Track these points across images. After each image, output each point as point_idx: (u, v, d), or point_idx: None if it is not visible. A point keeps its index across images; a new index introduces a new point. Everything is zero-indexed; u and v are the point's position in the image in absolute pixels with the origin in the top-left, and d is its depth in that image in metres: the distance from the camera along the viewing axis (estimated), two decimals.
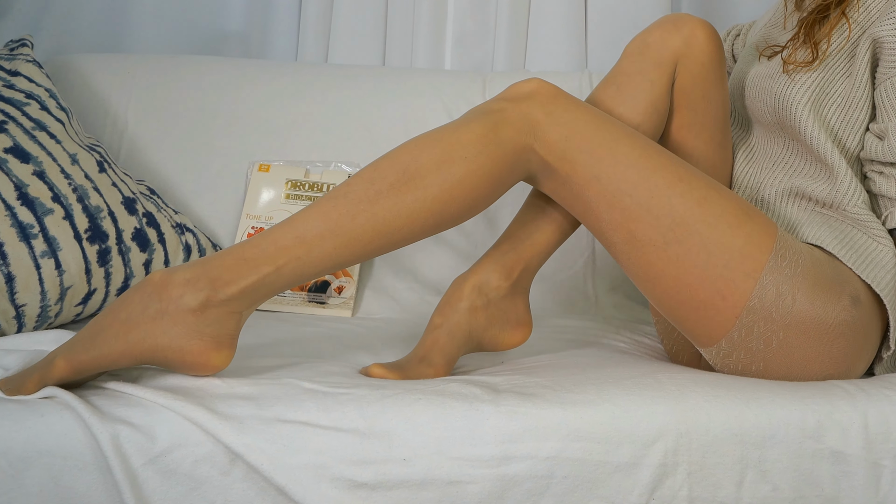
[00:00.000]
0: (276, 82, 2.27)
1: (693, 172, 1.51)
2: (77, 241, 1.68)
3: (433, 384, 1.36)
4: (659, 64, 1.60)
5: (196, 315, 1.31)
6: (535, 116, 1.48)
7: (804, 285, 1.46)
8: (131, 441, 1.19)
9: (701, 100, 1.64)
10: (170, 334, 1.29)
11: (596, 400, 1.33)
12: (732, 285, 1.46)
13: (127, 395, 1.26)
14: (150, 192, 1.98)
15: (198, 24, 2.56)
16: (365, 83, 2.30)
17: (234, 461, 1.21)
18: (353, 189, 1.42)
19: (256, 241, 1.38)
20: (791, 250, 1.49)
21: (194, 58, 2.35)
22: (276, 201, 2.11)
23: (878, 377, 1.55)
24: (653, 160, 1.49)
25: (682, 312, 1.51)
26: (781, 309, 1.45)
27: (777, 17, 1.90)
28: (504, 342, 1.58)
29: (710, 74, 1.63)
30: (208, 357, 1.31)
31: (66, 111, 1.89)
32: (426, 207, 1.42)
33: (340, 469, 1.21)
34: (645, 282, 1.52)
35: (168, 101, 2.21)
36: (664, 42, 1.60)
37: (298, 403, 1.26)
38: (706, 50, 1.61)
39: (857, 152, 1.65)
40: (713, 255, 1.46)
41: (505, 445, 1.26)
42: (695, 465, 1.31)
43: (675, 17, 1.63)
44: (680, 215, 1.46)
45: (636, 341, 1.89)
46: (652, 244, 1.47)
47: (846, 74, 1.65)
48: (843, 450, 1.34)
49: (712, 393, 1.37)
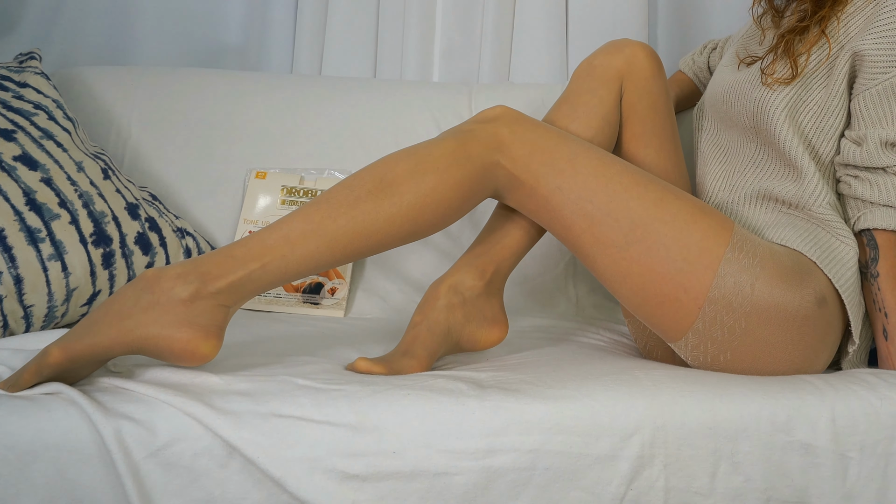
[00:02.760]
0: (272, 94, 2.27)
1: (648, 177, 1.55)
2: (82, 244, 1.68)
3: (421, 379, 1.37)
4: (605, 82, 1.68)
5: (186, 305, 1.32)
6: (501, 135, 1.53)
7: (762, 274, 1.49)
8: (133, 435, 1.19)
9: (648, 111, 1.70)
10: (160, 322, 1.30)
11: (576, 395, 1.33)
12: (693, 278, 1.49)
13: (129, 392, 1.26)
14: (152, 198, 1.98)
15: (198, 37, 2.56)
16: (357, 95, 2.29)
17: (232, 454, 1.21)
18: (334, 195, 1.46)
19: (244, 241, 1.40)
20: (748, 242, 1.52)
21: (194, 70, 2.34)
22: (273, 207, 2.11)
23: (845, 372, 1.57)
24: (609, 169, 1.53)
25: (648, 309, 1.53)
26: (741, 297, 1.48)
27: (753, 31, 1.92)
28: (482, 340, 1.60)
29: (652, 88, 1.70)
30: (196, 345, 1.31)
31: (72, 121, 1.89)
32: (402, 213, 1.46)
33: (333, 461, 1.21)
34: (612, 282, 1.55)
35: (169, 111, 2.20)
36: (608, 63, 1.69)
37: (293, 399, 1.26)
38: (647, 66, 1.70)
39: (828, 157, 1.67)
40: (672, 251, 1.49)
41: (490, 439, 1.26)
42: (670, 458, 1.31)
43: (616, 42, 1.72)
44: (638, 216, 1.50)
45: (615, 340, 1.90)
46: (615, 245, 1.51)
47: (823, 85, 1.67)
48: (811, 442, 1.35)
49: (687, 388, 1.38)
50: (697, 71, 2.27)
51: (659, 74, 1.72)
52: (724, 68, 1.89)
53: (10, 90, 1.83)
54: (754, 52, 1.83)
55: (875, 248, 1.61)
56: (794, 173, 1.66)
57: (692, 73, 2.27)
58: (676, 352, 1.58)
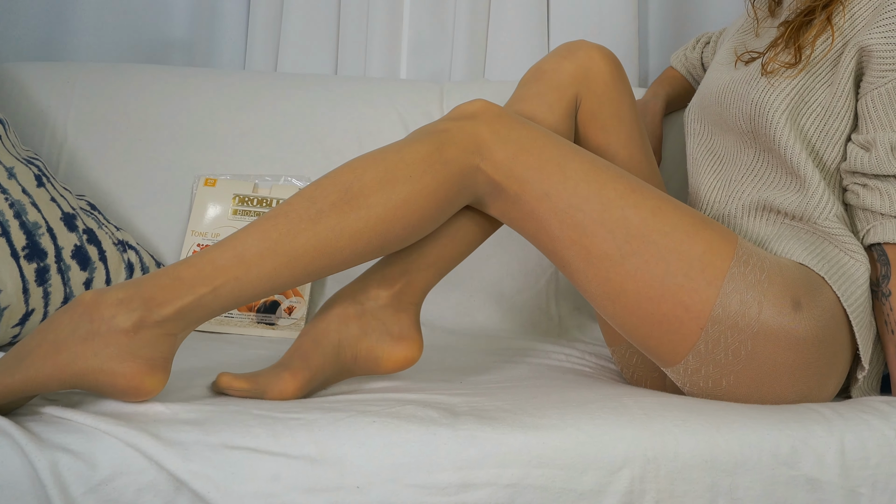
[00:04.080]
0: (222, 92, 2.28)
1: (644, 184, 1.52)
2: (14, 259, 1.68)
3: (388, 405, 1.35)
4: (555, 87, 1.64)
5: (129, 336, 1.29)
6: (481, 135, 1.49)
7: (771, 291, 1.47)
8: (71, 469, 1.17)
9: (611, 119, 1.68)
10: (101, 356, 1.28)
11: (559, 424, 1.32)
12: (695, 295, 1.46)
13: (66, 421, 1.25)
14: (91, 207, 1.98)
15: (141, 31, 2.57)
16: (316, 92, 2.30)
17: (180, 489, 1.19)
18: (294, 208, 1.42)
19: (193, 261, 1.37)
20: (754, 256, 1.50)
21: (137, 66, 2.35)
22: (223, 217, 2.11)
23: (855, 400, 1.55)
24: (603, 174, 1.50)
25: (644, 330, 1.51)
26: (748, 317, 1.45)
27: (748, 24, 1.92)
28: (384, 358, 1.52)
29: (614, 94, 1.67)
30: (141, 380, 1.28)
31: (2, 122, 1.88)
32: (370, 227, 1.42)
33: (291, 497, 1.20)
34: (604, 300, 1.52)
35: (110, 111, 2.21)
36: (559, 66, 1.66)
37: (246, 429, 1.25)
38: (605, 70, 1.67)
39: (834, 164, 1.66)
40: (672, 265, 1.46)
41: (463, 472, 1.24)
42: (663, 493, 1.30)
43: (569, 44, 1.69)
44: (635, 227, 1.47)
45: (600, 364, 1.89)
46: (608, 258, 1.48)
47: (827, 83, 1.66)
48: (818, 477, 1.34)
49: (681, 417, 1.37)
50: (690, 68, 2.27)
51: (619, 78, 1.69)
52: (718, 66, 1.87)
53: None
54: (752, 47, 1.82)
55: (887, 264, 1.59)
56: (796, 183, 1.65)
57: (685, 69, 2.28)
58: (672, 378, 1.56)
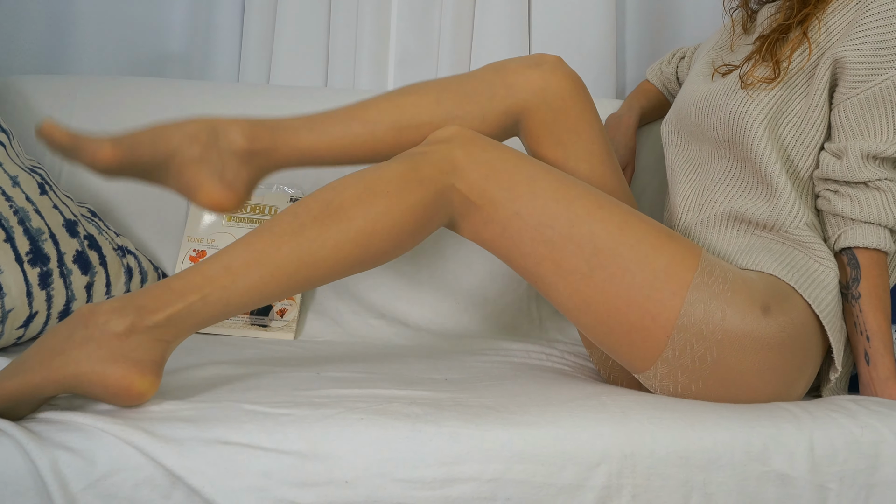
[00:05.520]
0: (217, 103, 2.27)
1: (611, 201, 1.53)
2: (18, 263, 1.68)
3: (375, 403, 1.36)
4: (509, 86, 1.62)
5: (120, 339, 1.30)
6: (455, 157, 1.50)
7: (734, 300, 1.47)
8: (70, 466, 1.18)
9: (568, 133, 1.65)
10: (92, 358, 1.28)
11: (539, 422, 1.33)
12: (660, 305, 1.47)
13: (65, 422, 1.25)
14: (92, 214, 1.98)
15: (139, 45, 2.56)
16: (307, 104, 2.28)
17: (175, 484, 1.20)
18: (278, 223, 1.43)
19: (183, 274, 1.39)
20: (717, 268, 1.50)
21: (136, 79, 2.34)
22: (218, 224, 2.11)
23: (825, 399, 1.56)
24: (571, 191, 1.51)
25: (614, 338, 1.52)
26: (712, 325, 1.46)
27: (724, 40, 1.92)
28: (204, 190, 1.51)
29: (571, 110, 1.64)
30: (131, 381, 1.29)
31: (6, 133, 1.88)
32: (350, 239, 1.43)
33: (283, 491, 1.21)
34: (576, 312, 1.53)
35: (110, 122, 2.20)
36: (521, 70, 1.63)
37: (239, 425, 1.25)
38: (565, 87, 1.64)
39: (807, 172, 1.66)
40: (637, 277, 1.47)
41: (448, 467, 1.25)
42: (639, 488, 1.30)
43: (540, 55, 1.66)
44: (601, 241, 1.48)
45: (580, 364, 1.89)
46: (577, 272, 1.49)
47: (803, 94, 1.66)
48: (788, 472, 1.35)
49: (657, 415, 1.37)
50: (665, 81, 2.27)
51: (578, 94, 1.66)
52: (695, 78, 1.87)
53: None
54: (728, 61, 1.82)
55: (856, 267, 1.59)
56: (767, 191, 1.65)
57: (660, 82, 2.27)
58: (644, 384, 1.56)
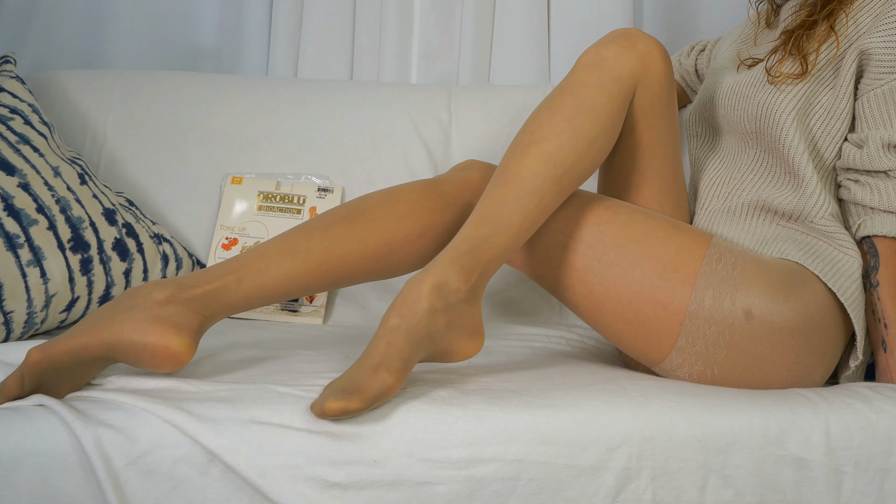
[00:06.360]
0: (247, 97, 2.28)
1: (615, 203, 1.56)
2: (60, 250, 1.70)
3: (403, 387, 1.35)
4: (616, 78, 1.53)
5: (161, 306, 1.34)
6: (472, 178, 1.59)
7: (744, 285, 1.47)
8: (113, 443, 1.20)
9: (658, 118, 1.62)
10: (134, 320, 1.31)
11: (561, 405, 1.33)
12: (671, 294, 1.48)
13: (109, 401, 1.27)
14: (129, 203, 2.00)
15: (172, 40, 2.57)
16: (333, 97, 2.31)
17: (212, 461, 1.22)
18: (310, 223, 1.51)
19: (224, 261, 1.46)
20: (727, 254, 1.51)
21: (169, 73, 2.35)
22: (249, 213, 2.12)
23: (841, 385, 1.54)
24: (577, 199, 1.55)
25: (630, 333, 1.53)
26: (722, 311, 1.46)
27: (746, 34, 1.91)
28: (459, 351, 1.44)
29: (664, 93, 1.60)
30: (169, 340, 1.31)
31: (48, 125, 1.90)
32: (375, 236, 1.50)
33: (314, 469, 1.22)
34: (591, 311, 1.55)
35: (145, 115, 2.22)
36: (621, 57, 1.54)
37: (272, 406, 1.27)
38: (662, 69, 1.58)
39: (832, 163, 1.65)
40: (647, 269, 1.49)
41: (472, 448, 1.26)
42: (658, 470, 1.31)
43: (626, 34, 1.57)
44: (609, 240, 1.50)
45: (599, 349, 1.88)
46: (590, 271, 1.51)
47: (830, 86, 1.65)
48: (804, 456, 1.34)
49: (675, 399, 1.37)
50: (684, 73, 2.24)
51: (671, 77, 1.61)
52: (720, 70, 1.85)
53: None
54: (753, 54, 1.80)
55: (875, 255, 1.59)
56: (794, 182, 1.64)
57: (679, 75, 2.25)
58: (662, 375, 1.56)
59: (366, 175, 2.23)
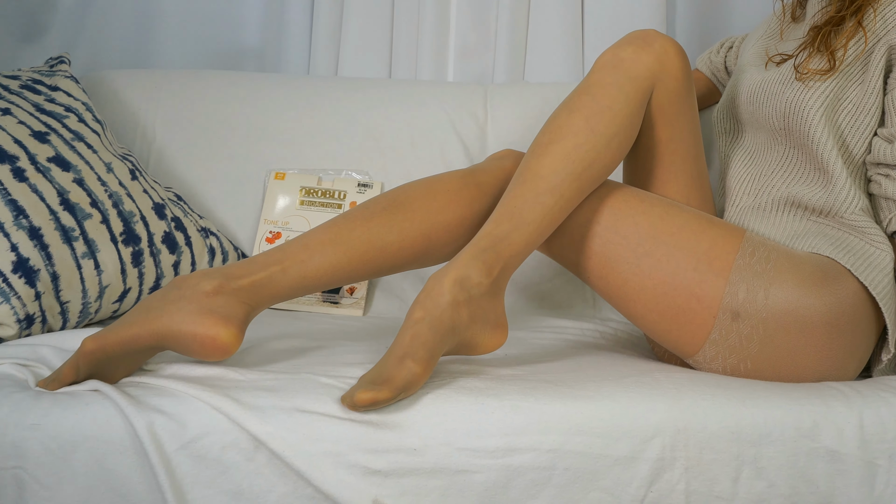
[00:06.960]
0: (290, 95, 2.29)
1: (651, 196, 1.56)
2: (113, 243, 1.72)
3: (440, 377, 1.38)
4: (633, 79, 1.54)
5: (209, 297, 1.36)
6: (508, 168, 1.61)
7: (777, 279, 1.47)
8: (165, 428, 1.22)
9: (677, 116, 1.62)
10: (184, 310, 1.33)
11: (596, 396, 1.34)
12: (705, 286, 1.48)
13: (160, 387, 1.30)
14: (177, 198, 2.02)
15: (217, 40, 2.60)
16: (372, 95, 2.31)
17: (258, 448, 1.24)
18: (351, 213, 1.52)
19: (268, 251, 1.47)
20: (761, 248, 1.51)
21: (215, 72, 2.37)
22: (292, 207, 2.14)
23: (874, 379, 1.53)
24: (612, 191, 1.55)
25: (664, 324, 1.53)
26: (756, 304, 1.46)
27: (772, 29, 1.90)
28: (483, 344, 1.45)
29: (682, 90, 1.61)
30: (217, 331, 1.32)
31: (100, 123, 1.93)
32: (414, 227, 1.52)
33: (356, 457, 1.24)
34: (626, 302, 1.55)
35: (192, 113, 2.24)
36: (637, 58, 1.55)
37: (316, 396, 1.28)
38: (679, 67, 1.59)
39: (861, 158, 1.64)
40: (681, 261, 1.49)
41: (509, 437, 1.27)
42: (692, 461, 1.31)
43: (643, 34, 1.59)
44: (644, 231, 1.51)
45: (633, 342, 1.88)
46: (625, 262, 1.51)
47: (859, 82, 1.64)
48: (838, 449, 1.33)
49: (709, 392, 1.37)
50: (715, 70, 2.22)
51: (689, 76, 1.62)
52: (748, 67, 1.84)
53: (42, 93, 1.87)
54: (781, 49, 1.79)
55: None
56: (823, 178, 1.63)
57: (709, 72, 2.24)
58: (695, 367, 1.56)
59: (404, 171, 2.23)
